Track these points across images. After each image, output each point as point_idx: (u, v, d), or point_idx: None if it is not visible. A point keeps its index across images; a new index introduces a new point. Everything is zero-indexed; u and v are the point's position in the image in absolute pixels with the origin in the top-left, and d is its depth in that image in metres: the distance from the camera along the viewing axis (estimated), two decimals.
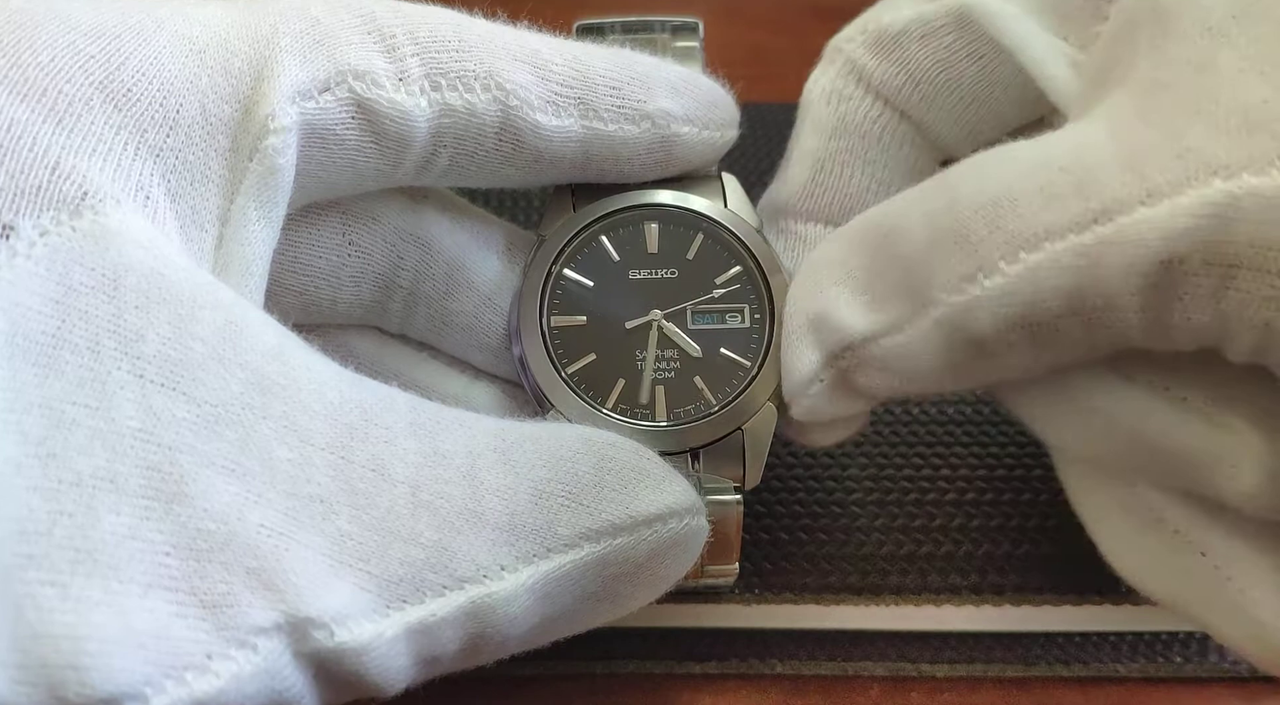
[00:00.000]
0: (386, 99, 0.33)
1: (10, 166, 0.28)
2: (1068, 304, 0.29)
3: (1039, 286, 0.29)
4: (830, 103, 0.39)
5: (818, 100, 0.39)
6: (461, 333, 0.39)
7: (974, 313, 0.30)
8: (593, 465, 0.31)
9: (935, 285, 0.31)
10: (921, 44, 0.37)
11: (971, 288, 0.30)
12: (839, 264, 0.34)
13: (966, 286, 0.30)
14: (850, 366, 0.33)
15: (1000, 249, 0.29)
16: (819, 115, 0.39)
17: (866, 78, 0.38)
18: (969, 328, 0.30)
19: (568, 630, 0.33)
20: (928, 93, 0.38)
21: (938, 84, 0.37)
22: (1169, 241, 0.27)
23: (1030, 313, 0.29)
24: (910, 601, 0.41)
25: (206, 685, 0.25)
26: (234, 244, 0.32)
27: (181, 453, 0.27)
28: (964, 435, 0.46)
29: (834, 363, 0.34)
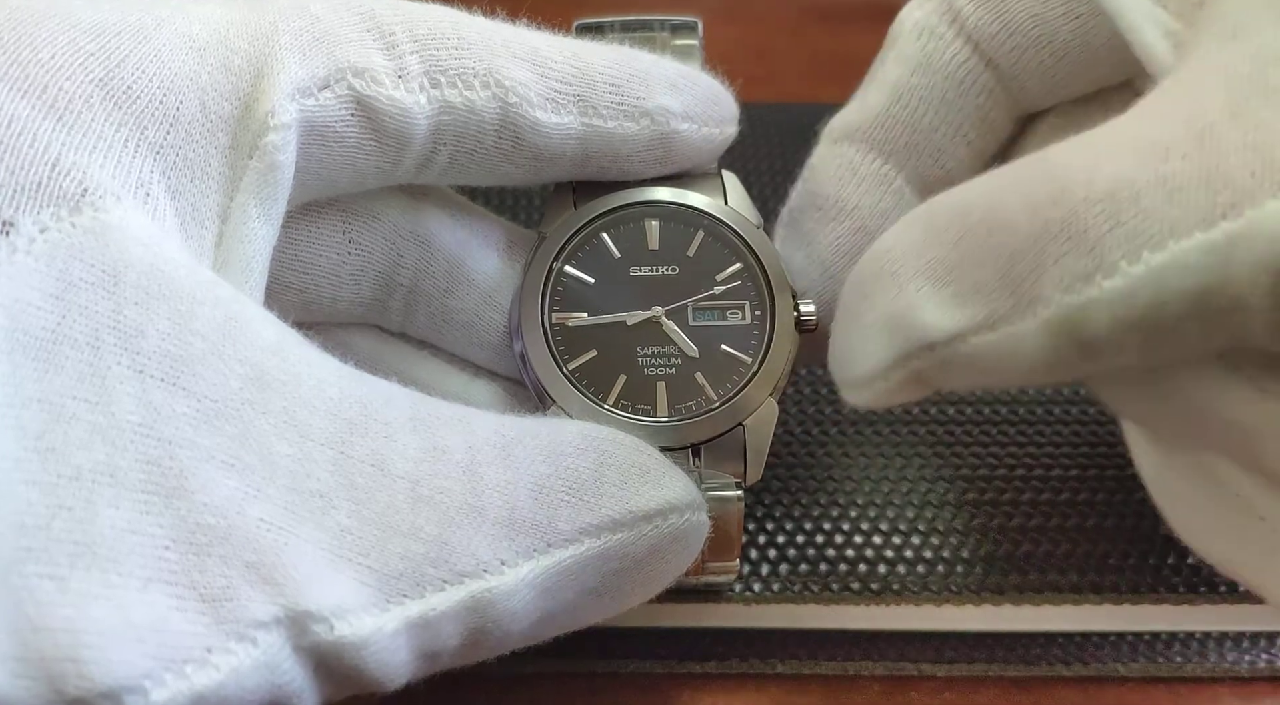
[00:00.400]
0: (386, 96, 0.33)
1: (10, 163, 0.28)
2: (1193, 307, 0.27)
3: (1164, 288, 0.26)
4: (920, 38, 0.38)
5: (909, 32, 0.38)
6: (462, 330, 0.39)
7: (1089, 314, 0.28)
8: (593, 461, 0.31)
9: (1044, 283, 0.28)
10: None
11: (1088, 288, 0.27)
12: (919, 253, 0.31)
13: (1083, 287, 0.27)
14: (929, 367, 0.31)
15: (1121, 247, 0.27)
16: (907, 48, 0.38)
17: (961, 20, 0.37)
18: (1081, 330, 0.28)
19: (568, 626, 0.33)
20: (1020, 43, 0.37)
21: (1031, 37, 0.36)
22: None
23: (1151, 315, 0.27)
24: (910, 601, 0.41)
25: (206, 679, 0.25)
26: (234, 241, 0.32)
27: (181, 447, 0.27)
28: (964, 435, 0.46)
29: (907, 363, 0.31)
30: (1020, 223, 0.29)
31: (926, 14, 0.38)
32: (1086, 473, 0.44)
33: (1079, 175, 0.28)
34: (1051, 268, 0.28)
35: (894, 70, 0.38)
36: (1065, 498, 0.43)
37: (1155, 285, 0.27)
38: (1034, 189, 0.29)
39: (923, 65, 0.38)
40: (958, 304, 0.30)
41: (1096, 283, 0.27)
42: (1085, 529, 0.42)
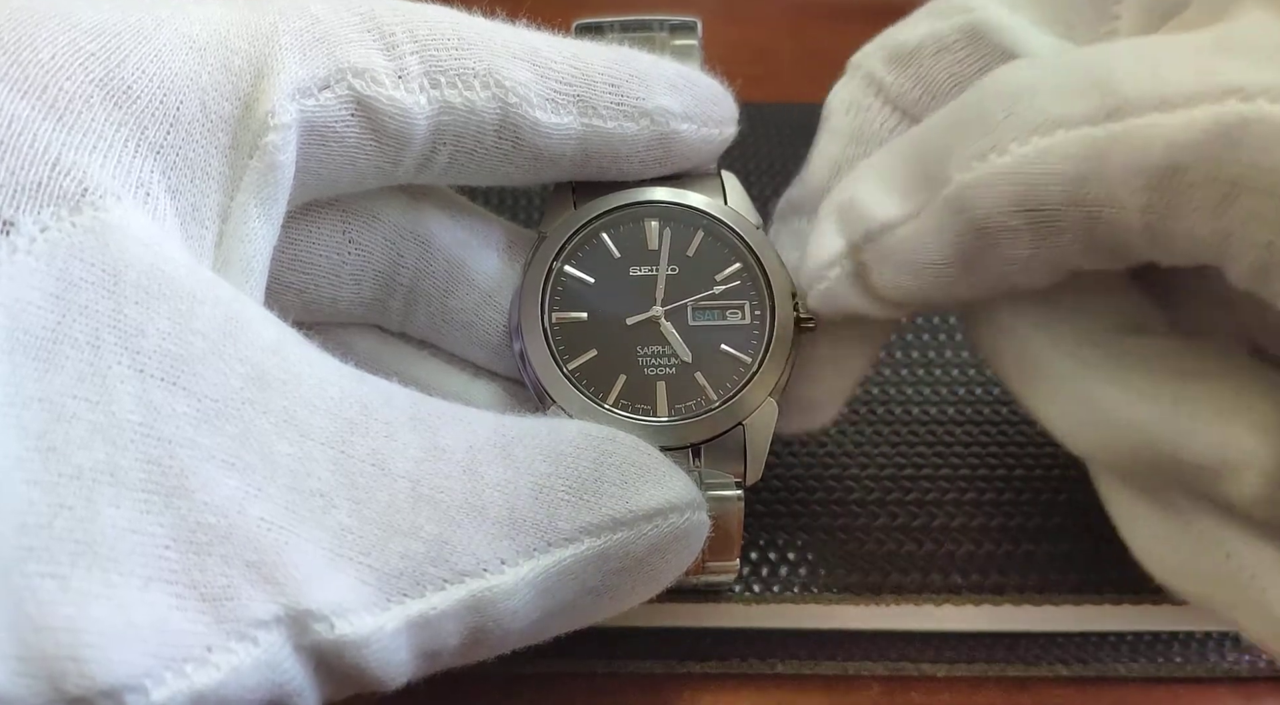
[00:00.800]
0: (386, 96, 0.33)
1: (11, 163, 0.28)
2: (1071, 192, 0.30)
3: (1045, 169, 0.30)
4: (849, 112, 0.39)
5: (837, 110, 0.39)
6: (462, 330, 0.39)
7: (979, 190, 0.31)
8: (593, 460, 0.31)
9: (949, 166, 0.32)
10: (935, 59, 0.37)
11: (981, 165, 0.31)
12: (877, 163, 0.35)
13: (976, 164, 0.31)
14: (868, 259, 0.34)
15: (1014, 131, 0.30)
16: (838, 123, 0.39)
17: (884, 90, 0.38)
18: (973, 206, 0.31)
19: (568, 625, 0.33)
20: (941, 103, 0.37)
21: (951, 96, 0.37)
22: (1174, 150, 0.27)
23: (1033, 194, 0.30)
24: (910, 601, 0.41)
25: (206, 677, 0.25)
26: (234, 241, 0.32)
27: (181, 447, 0.27)
28: (964, 435, 0.46)
29: (855, 253, 0.35)
30: (944, 123, 0.33)
31: (851, 90, 0.39)
32: (1086, 473, 0.44)
33: (995, 79, 0.32)
34: (955, 151, 0.32)
35: (829, 145, 0.39)
36: (1065, 498, 0.43)
37: (1039, 165, 0.30)
38: (961, 100, 0.33)
39: (856, 136, 0.39)
40: (897, 199, 0.34)
41: (990, 161, 0.31)
42: (1085, 529, 0.42)
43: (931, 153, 0.33)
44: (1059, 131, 0.29)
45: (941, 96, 0.37)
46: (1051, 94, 0.30)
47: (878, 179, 0.34)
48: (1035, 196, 0.30)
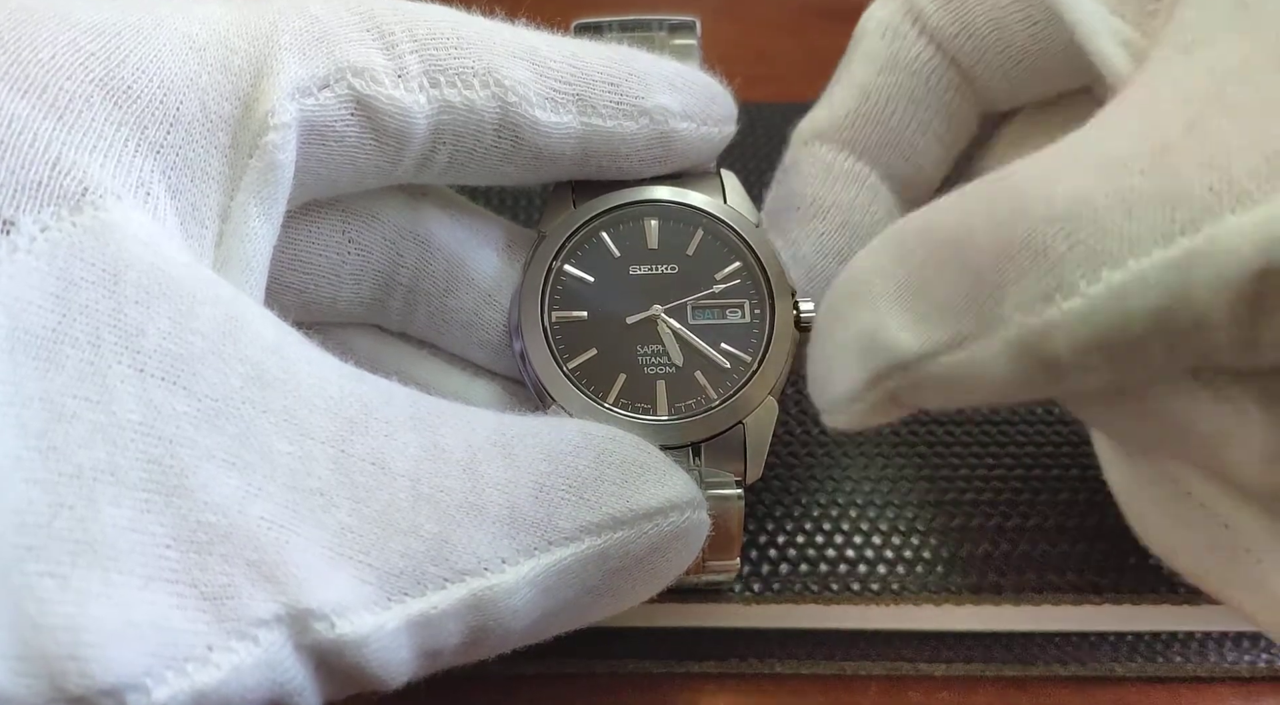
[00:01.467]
0: (385, 96, 0.33)
1: (11, 162, 0.28)
2: (1155, 325, 0.26)
3: (1124, 308, 0.26)
4: (885, 37, 0.38)
5: (873, 32, 0.39)
6: (461, 330, 0.39)
7: (1051, 335, 0.27)
8: (593, 459, 0.31)
9: (1005, 304, 0.28)
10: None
11: (1048, 309, 0.27)
12: (888, 274, 0.31)
13: (1042, 307, 0.27)
14: (901, 386, 0.31)
15: (1080, 267, 0.26)
16: (872, 47, 0.39)
17: (922, 20, 0.38)
18: (1045, 351, 0.28)
19: (569, 624, 0.33)
20: (979, 46, 0.37)
21: (989, 40, 0.37)
22: (1263, 250, 0.24)
23: (1113, 336, 0.27)
24: (910, 601, 0.41)
25: (207, 676, 0.25)
26: (234, 240, 0.32)
27: (182, 446, 0.27)
28: (964, 435, 0.46)
29: (880, 383, 0.31)
30: (984, 242, 0.28)
31: (890, 13, 0.38)
32: (1086, 473, 0.44)
33: (1039, 192, 0.28)
34: (1012, 288, 0.28)
35: (860, 69, 0.39)
36: (1065, 498, 0.43)
37: (1115, 305, 0.26)
38: (996, 208, 0.29)
39: (889, 64, 0.38)
40: (926, 325, 0.30)
41: (1056, 303, 0.27)
42: (1085, 529, 0.42)
43: (970, 275, 0.29)
44: (1130, 262, 0.26)
45: (978, 39, 0.37)
46: (1114, 213, 0.26)
47: (895, 298, 0.31)
48: (1114, 338, 0.27)
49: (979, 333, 0.28)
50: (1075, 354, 0.27)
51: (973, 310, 0.29)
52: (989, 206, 0.29)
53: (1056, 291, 0.27)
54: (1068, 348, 0.27)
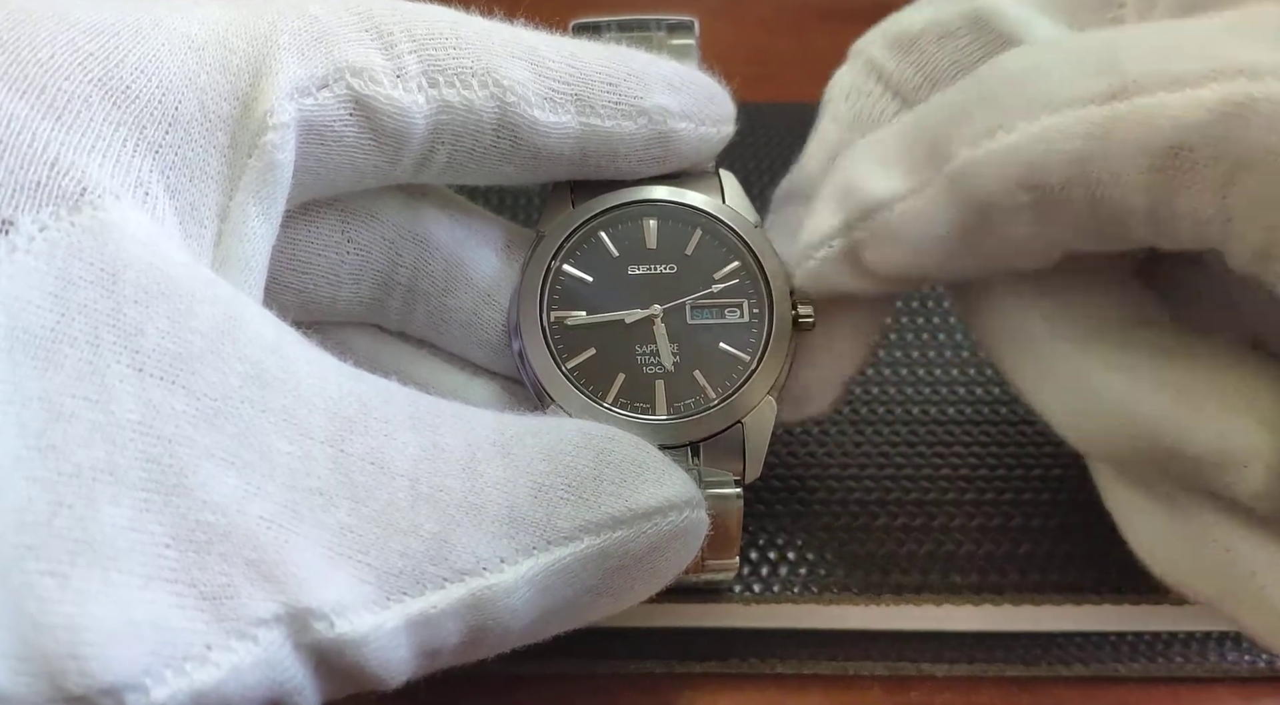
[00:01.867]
0: (384, 96, 0.33)
1: (9, 162, 0.28)
2: (1075, 171, 0.29)
3: (1049, 147, 0.29)
4: (849, 98, 0.39)
5: (838, 97, 0.39)
6: (460, 329, 0.39)
7: (984, 168, 0.31)
8: (592, 458, 0.31)
9: (953, 142, 0.31)
10: (938, 45, 0.37)
11: (987, 142, 0.31)
12: (880, 142, 0.35)
13: (983, 141, 0.31)
14: (864, 237, 0.34)
15: (1021, 109, 0.30)
16: (838, 109, 0.39)
17: (885, 77, 0.38)
18: (978, 185, 0.31)
19: (568, 623, 0.33)
20: None
21: (953, 83, 0.37)
22: (1180, 130, 0.27)
23: (1037, 173, 0.30)
24: (910, 601, 0.41)
25: (206, 676, 0.25)
26: (233, 240, 0.32)
27: (181, 445, 0.27)
28: (964, 435, 0.46)
29: (850, 231, 0.35)
30: (951, 103, 0.33)
31: (853, 75, 0.39)
32: (1086, 473, 0.44)
33: (1004, 60, 0.32)
34: (961, 128, 0.32)
35: (830, 130, 0.39)
36: (1065, 498, 0.43)
37: (1044, 143, 0.30)
38: (968, 80, 0.33)
39: (856, 122, 0.39)
40: (898, 176, 0.34)
41: (997, 137, 0.31)
42: (1085, 529, 0.42)
43: (935, 131, 0.32)
44: (1066, 110, 0.29)
45: (943, 84, 0.37)
46: (1060, 74, 0.30)
47: (877, 157, 0.34)
48: (1040, 174, 0.30)
49: (931, 177, 0.32)
50: (1004, 188, 0.31)
51: (931, 158, 0.32)
52: (963, 81, 0.33)
53: (998, 127, 0.31)
54: (998, 181, 0.31)
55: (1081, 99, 0.29)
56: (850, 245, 0.35)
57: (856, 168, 0.35)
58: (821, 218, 0.35)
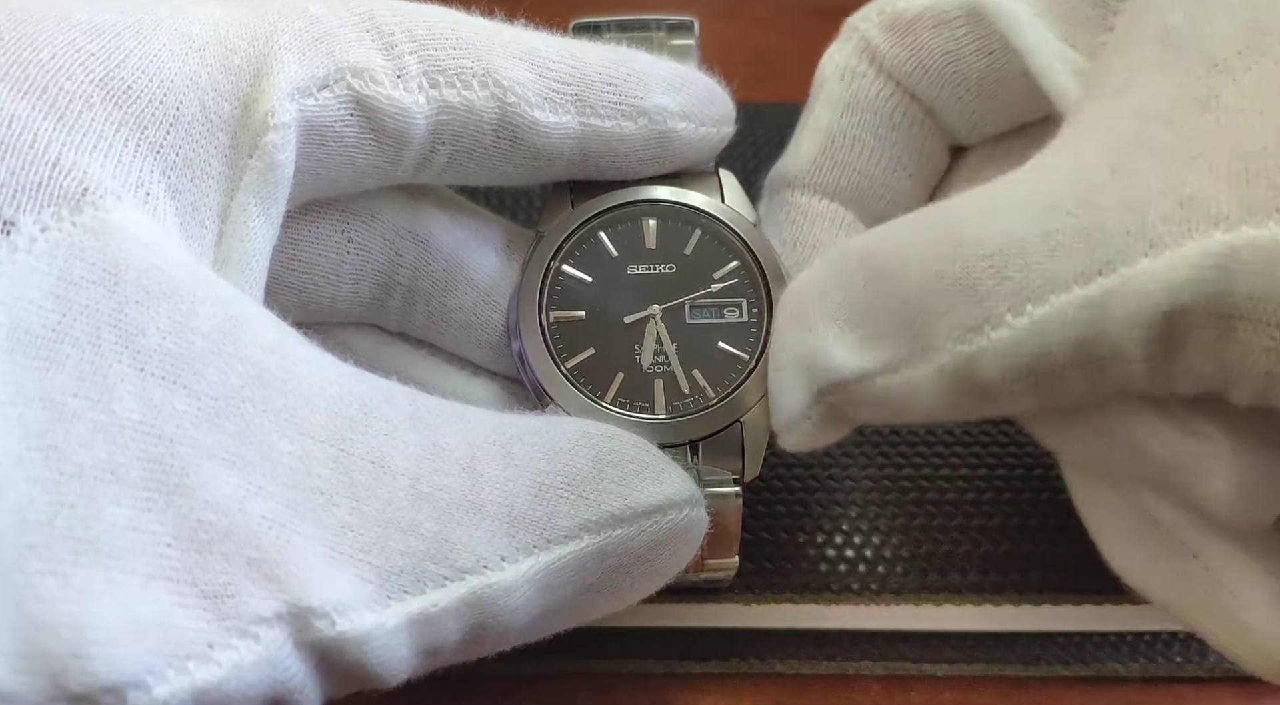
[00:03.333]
0: (385, 96, 0.33)
1: (11, 163, 0.28)
2: (1074, 356, 0.28)
3: (1045, 340, 0.28)
4: (844, 79, 0.39)
5: (831, 76, 0.39)
6: (460, 329, 0.39)
7: (979, 363, 0.30)
8: (591, 457, 0.31)
9: (939, 332, 0.30)
10: (934, 33, 0.37)
11: (978, 338, 0.29)
12: (828, 296, 0.33)
13: (972, 337, 0.29)
14: (841, 402, 0.33)
15: (1007, 301, 0.29)
16: (832, 90, 0.39)
17: (879, 59, 0.38)
18: (974, 377, 0.30)
19: (568, 622, 0.33)
20: (935, 81, 0.38)
21: (945, 74, 0.37)
22: (1171, 293, 0.27)
23: (1036, 364, 0.29)
24: (910, 601, 0.41)
25: (208, 674, 0.25)
26: (234, 240, 0.32)
27: (182, 445, 0.27)
28: (964, 435, 0.46)
29: (822, 399, 0.33)
30: (918, 275, 0.31)
31: (846, 56, 0.39)
32: None
33: (972, 230, 0.30)
34: (945, 318, 0.30)
35: (823, 114, 0.39)
36: (1065, 498, 0.43)
37: (1039, 337, 0.29)
38: (932, 241, 0.31)
39: (850, 105, 0.39)
40: (864, 347, 0.32)
41: (985, 333, 0.29)
42: (1084, 529, 0.42)
43: (905, 304, 0.31)
44: (1051, 297, 0.28)
45: (935, 73, 0.38)
46: (1038, 251, 0.29)
47: (834, 318, 0.32)
48: (1037, 366, 0.29)
49: (914, 358, 0.31)
50: (1003, 380, 0.30)
51: (908, 337, 0.31)
52: (926, 239, 0.31)
53: (985, 322, 0.29)
54: (996, 374, 0.30)
55: (1066, 280, 0.28)
56: (829, 412, 0.33)
57: (813, 331, 0.33)
58: (789, 393, 0.34)
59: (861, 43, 0.38)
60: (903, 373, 0.31)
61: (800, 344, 0.33)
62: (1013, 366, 0.29)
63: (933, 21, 0.37)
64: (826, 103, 0.39)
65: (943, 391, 0.31)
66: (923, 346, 0.31)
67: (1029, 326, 0.29)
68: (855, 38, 0.39)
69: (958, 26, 0.37)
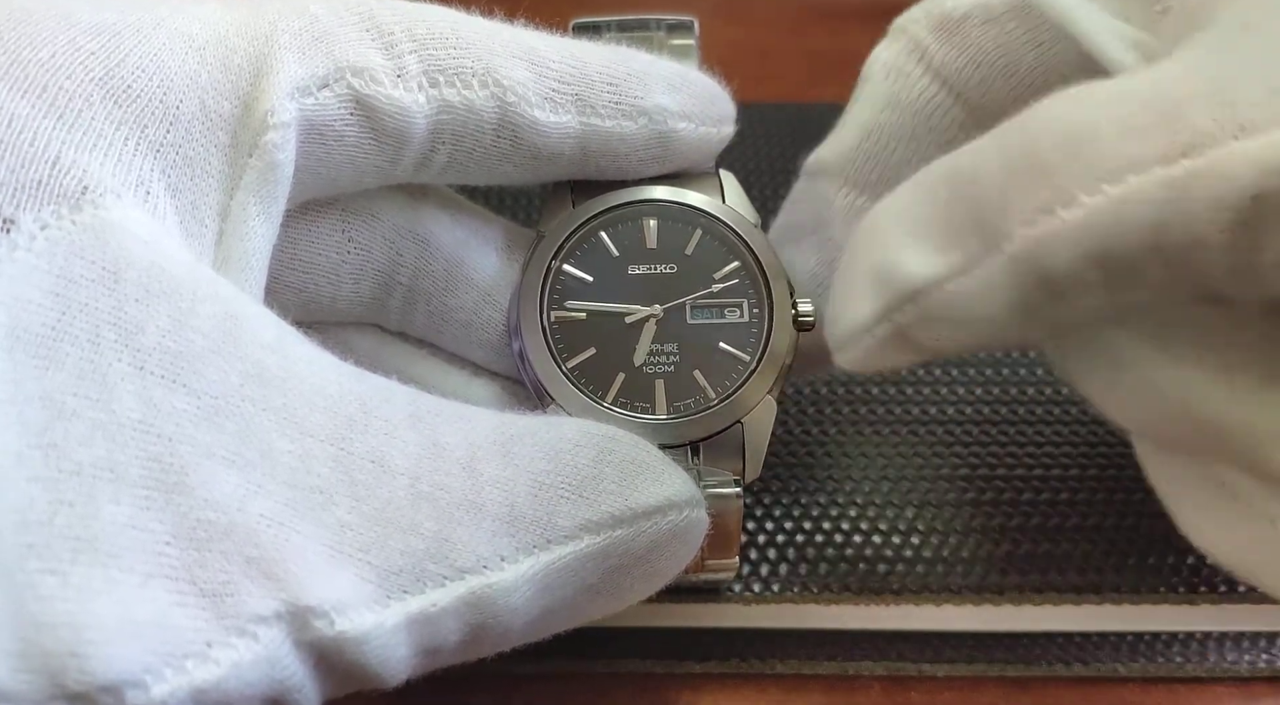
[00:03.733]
0: (385, 95, 0.33)
1: (11, 161, 0.28)
2: (1151, 240, 0.27)
3: (1121, 219, 0.27)
4: (889, 78, 0.39)
5: (877, 74, 0.39)
6: (460, 329, 0.39)
7: (1050, 247, 0.28)
8: (592, 458, 0.31)
9: (1009, 219, 0.29)
10: (983, 29, 0.37)
11: (1049, 220, 0.28)
12: (906, 210, 0.32)
13: (1043, 219, 0.28)
14: (911, 320, 0.32)
15: (1080, 179, 0.27)
16: (876, 88, 0.39)
17: (928, 58, 0.38)
18: (1044, 264, 0.28)
19: (568, 622, 0.33)
20: (987, 76, 0.37)
21: (997, 68, 0.37)
22: (1264, 176, 0.25)
23: (1111, 248, 0.27)
24: (910, 601, 0.41)
25: (206, 673, 0.25)
26: (234, 239, 0.32)
27: (181, 443, 0.27)
28: (964, 435, 0.46)
29: (892, 316, 0.32)
30: (993, 168, 0.29)
31: (894, 54, 0.39)
32: (1086, 473, 0.44)
33: (1047, 120, 0.29)
34: (1015, 203, 0.28)
35: (864, 109, 0.39)
36: (1065, 498, 0.43)
37: (1115, 217, 0.27)
38: (1007, 139, 0.30)
39: (891, 103, 0.38)
40: (937, 252, 0.30)
41: (1057, 214, 0.28)
42: (1085, 529, 0.42)
43: (978, 200, 0.30)
44: (1130, 176, 0.27)
45: (986, 68, 0.37)
46: (1116, 134, 0.27)
47: (908, 229, 0.32)
48: (1113, 249, 0.27)
49: (985, 254, 0.29)
50: (1074, 267, 0.28)
51: (978, 234, 0.29)
52: (1000, 139, 0.30)
53: (1056, 202, 0.27)
54: (1066, 260, 0.28)
55: (1146, 161, 0.27)
56: (895, 330, 0.32)
57: (887, 244, 0.32)
58: (857, 304, 0.33)
59: (910, 43, 0.38)
60: (973, 274, 0.30)
61: (873, 253, 0.32)
62: (1085, 250, 0.28)
63: (982, 17, 0.37)
64: (869, 98, 0.39)
65: (1011, 287, 0.29)
66: (993, 238, 0.29)
67: (1105, 206, 0.27)
68: (904, 38, 0.38)
69: (1008, 20, 0.37)
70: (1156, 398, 0.31)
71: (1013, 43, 0.37)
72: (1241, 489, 0.32)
